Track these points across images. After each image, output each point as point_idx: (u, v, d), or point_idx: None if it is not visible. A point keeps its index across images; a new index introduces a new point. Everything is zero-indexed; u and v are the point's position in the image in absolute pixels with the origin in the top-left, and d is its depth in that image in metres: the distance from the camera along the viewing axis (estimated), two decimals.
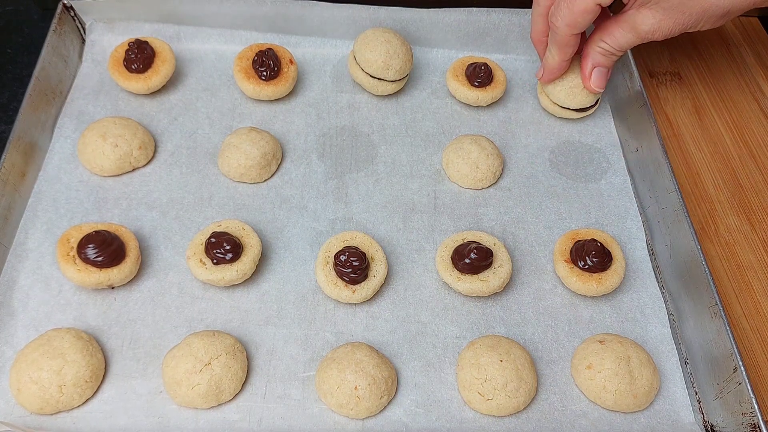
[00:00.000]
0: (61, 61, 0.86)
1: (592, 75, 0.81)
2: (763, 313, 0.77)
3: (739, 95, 0.98)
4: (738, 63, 1.02)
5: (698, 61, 1.01)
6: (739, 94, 0.98)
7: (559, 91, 0.86)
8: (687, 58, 1.03)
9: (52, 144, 0.82)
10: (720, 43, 1.05)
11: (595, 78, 0.81)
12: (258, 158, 0.79)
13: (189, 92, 0.89)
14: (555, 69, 0.82)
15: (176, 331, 0.70)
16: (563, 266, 0.74)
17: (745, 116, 0.96)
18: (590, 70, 0.81)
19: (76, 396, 0.63)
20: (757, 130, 0.94)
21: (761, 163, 0.91)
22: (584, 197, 0.84)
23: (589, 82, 0.82)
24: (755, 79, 1.00)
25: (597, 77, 0.81)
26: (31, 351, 0.64)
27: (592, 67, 0.81)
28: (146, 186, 0.80)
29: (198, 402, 0.64)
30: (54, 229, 0.75)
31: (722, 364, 0.67)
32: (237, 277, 0.70)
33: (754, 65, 1.02)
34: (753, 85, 1.00)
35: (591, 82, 0.82)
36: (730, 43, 1.05)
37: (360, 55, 0.86)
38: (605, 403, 0.67)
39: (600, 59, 0.80)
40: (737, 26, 1.08)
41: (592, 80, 0.82)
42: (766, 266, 0.81)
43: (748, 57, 1.03)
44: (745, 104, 0.97)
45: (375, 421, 0.66)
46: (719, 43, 1.05)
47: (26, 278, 0.72)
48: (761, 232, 0.84)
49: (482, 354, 0.67)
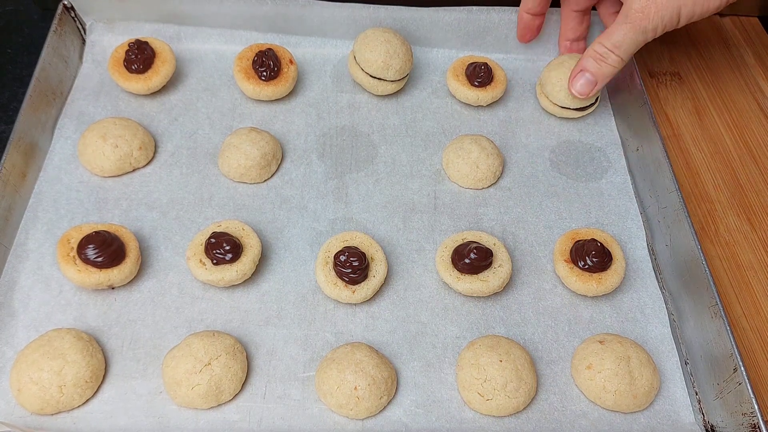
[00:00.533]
0: (61, 61, 0.86)
1: (577, 78, 0.81)
2: (763, 313, 0.77)
3: (739, 95, 0.98)
4: (738, 63, 1.02)
5: (698, 61, 1.01)
6: (739, 94, 0.98)
7: (558, 91, 0.86)
8: (687, 58, 1.02)
9: (53, 145, 0.82)
10: (720, 43, 1.05)
11: (579, 83, 0.81)
12: (258, 158, 0.79)
13: (189, 92, 0.89)
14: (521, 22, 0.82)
15: (176, 331, 0.70)
16: (563, 266, 0.74)
17: (745, 116, 0.96)
18: (577, 72, 0.81)
19: (76, 396, 0.63)
20: (757, 130, 0.94)
21: (761, 163, 0.90)
22: (584, 197, 0.84)
23: (572, 82, 0.82)
24: (755, 79, 1.00)
25: (582, 83, 0.81)
26: (32, 351, 0.64)
27: (579, 70, 0.81)
28: (146, 186, 0.80)
29: (198, 402, 0.64)
30: (54, 229, 0.75)
31: (722, 364, 0.67)
32: (237, 277, 0.70)
33: (754, 65, 1.02)
34: (753, 85, 0.99)
35: (573, 85, 0.82)
36: (730, 43, 1.05)
37: (360, 55, 0.86)
38: (605, 403, 0.67)
39: (590, 64, 0.79)
40: (737, 26, 1.07)
41: (574, 83, 0.82)
42: (766, 266, 0.81)
43: (748, 57, 1.03)
44: (745, 104, 0.97)
45: (375, 421, 0.66)
46: (719, 43, 1.04)
47: (27, 279, 0.72)
48: (761, 232, 0.84)
49: (482, 354, 0.67)
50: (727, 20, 1.09)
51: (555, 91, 0.86)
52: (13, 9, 1.01)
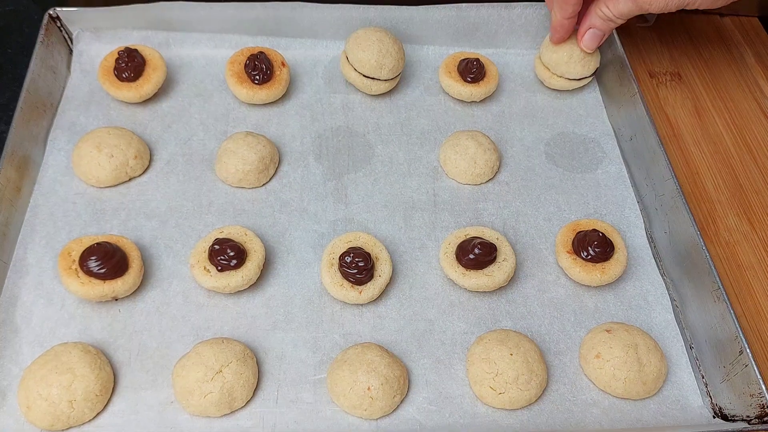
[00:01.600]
0: (50, 72, 0.85)
1: (586, 34, 0.84)
2: (763, 313, 0.78)
3: (739, 95, 0.99)
4: (738, 63, 1.03)
5: (698, 61, 1.02)
6: (739, 94, 0.99)
7: (558, 57, 0.88)
8: (687, 58, 1.03)
9: (46, 157, 0.81)
10: (720, 43, 1.05)
11: (588, 39, 0.84)
12: (256, 162, 0.79)
13: (181, 99, 0.88)
14: (557, 27, 0.84)
15: (183, 340, 0.69)
16: (566, 257, 0.75)
17: (745, 116, 0.96)
18: (586, 29, 0.84)
19: (87, 410, 0.63)
20: (757, 130, 0.95)
21: (761, 163, 0.91)
22: (581, 188, 0.84)
23: (582, 40, 0.84)
24: (755, 79, 1.01)
25: (590, 38, 0.84)
26: (39, 367, 0.63)
27: (588, 27, 0.83)
28: (144, 195, 0.79)
29: (211, 410, 0.63)
30: (53, 243, 0.74)
31: (727, 347, 0.68)
32: (242, 283, 0.70)
33: (754, 65, 1.03)
34: (753, 85, 1.00)
35: (583, 41, 0.85)
36: (730, 43, 1.05)
37: (352, 55, 0.86)
38: (615, 391, 0.68)
39: (598, 22, 0.82)
40: (737, 26, 1.08)
41: (584, 40, 0.84)
42: (766, 266, 0.82)
43: (748, 57, 1.04)
44: (745, 104, 0.98)
45: (389, 420, 0.66)
46: (719, 43, 1.05)
47: (28, 294, 0.71)
48: (761, 232, 0.85)
49: (492, 348, 0.67)
50: (727, 20, 1.09)
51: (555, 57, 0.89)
52: (13, 9, 1.00)
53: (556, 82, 0.90)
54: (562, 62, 0.88)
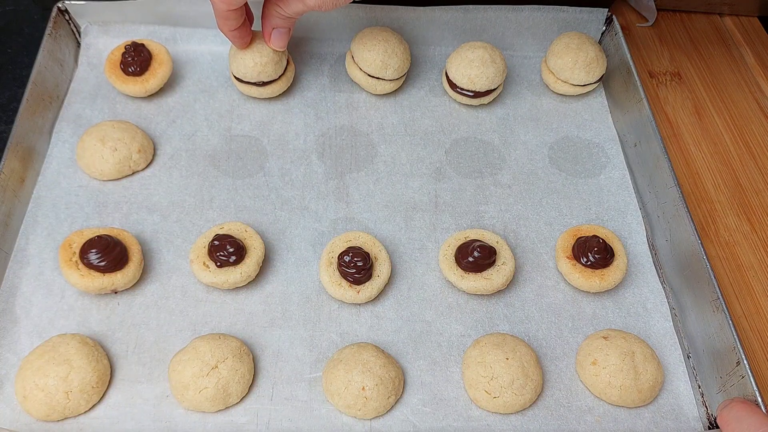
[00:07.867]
0: (57, 65, 0.86)
1: (273, 35, 0.82)
2: (763, 313, 0.78)
3: (739, 95, 0.99)
4: (738, 63, 1.03)
5: (698, 61, 1.02)
6: (739, 94, 0.99)
7: (563, 63, 0.89)
8: (687, 58, 1.03)
9: (50, 149, 0.81)
10: (720, 43, 1.05)
11: (276, 39, 0.82)
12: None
13: (186, 94, 0.88)
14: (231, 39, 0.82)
15: (181, 334, 0.70)
16: (566, 263, 0.74)
17: (745, 116, 0.96)
18: (270, 31, 0.82)
19: (82, 402, 0.63)
20: (757, 130, 0.95)
21: (761, 163, 0.91)
22: (584, 193, 0.84)
23: (270, 41, 0.83)
24: (755, 79, 1.00)
25: (277, 38, 0.82)
26: (37, 358, 0.64)
27: (271, 28, 0.81)
28: (146, 189, 0.80)
29: (205, 405, 0.64)
30: (55, 234, 0.75)
31: (725, 357, 0.67)
32: (241, 279, 0.70)
33: (754, 65, 1.02)
34: (753, 85, 1.00)
35: (272, 42, 0.83)
36: (730, 43, 1.05)
37: (358, 55, 0.86)
38: (610, 398, 0.67)
39: (278, 22, 0.80)
40: (737, 26, 1.08)
41: (272, 41, 0.82)
42: (766, 267, 0.81)
43: (748, 57, 1.03)
44: (745, 104, 0.98)
45: (383, 421, 0.66)
46: (719, 43, 1.05)
47: (28, 284, 0.71)
48: (761, 232, 0.84)
49: (488, 352, 0.67)
50: (727, 20, 1.09)
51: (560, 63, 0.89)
52: (13, 9, 1.01)
53: (560, 87, 0.90)
54: (566, 68, 0.88)
